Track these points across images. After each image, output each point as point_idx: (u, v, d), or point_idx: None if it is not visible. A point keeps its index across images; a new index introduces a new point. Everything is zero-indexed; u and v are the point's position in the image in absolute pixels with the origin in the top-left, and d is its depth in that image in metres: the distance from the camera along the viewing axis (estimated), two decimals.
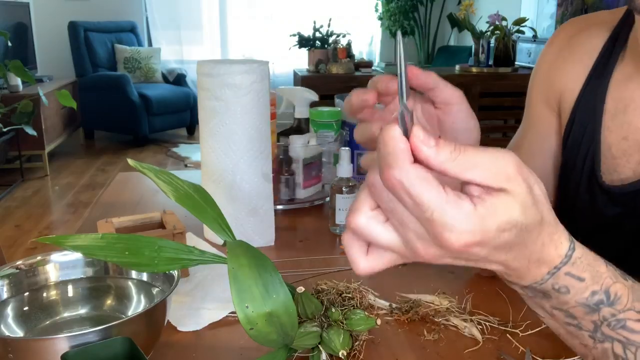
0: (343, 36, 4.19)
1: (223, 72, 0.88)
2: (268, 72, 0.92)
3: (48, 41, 5.47)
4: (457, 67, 3.76)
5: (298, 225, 1.07)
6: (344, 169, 0.98)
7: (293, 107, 1.28)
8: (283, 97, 1.29)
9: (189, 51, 6.00)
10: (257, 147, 0.92)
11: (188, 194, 0.59)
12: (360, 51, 6.01)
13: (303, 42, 4.24)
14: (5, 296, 0.65)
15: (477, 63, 3.70)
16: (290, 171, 1.13)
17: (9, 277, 0.66)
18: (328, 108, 1.25)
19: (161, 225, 0.86)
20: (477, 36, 3.71)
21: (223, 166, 0.92)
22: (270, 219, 0.96)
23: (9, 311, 0.65)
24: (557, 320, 0.44)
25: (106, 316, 0.68)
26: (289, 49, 4.51)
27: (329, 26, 4.26)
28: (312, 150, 1.15)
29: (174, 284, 0.61)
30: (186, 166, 4.64)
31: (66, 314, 0.68)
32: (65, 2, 5.57)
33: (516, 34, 3.63)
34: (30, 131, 3.11)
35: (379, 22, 6.03)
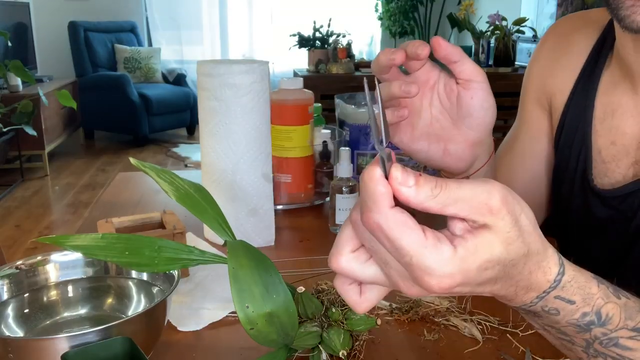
0: (343, 36, 4.19)
1: (223, 72, 0.88)
2: (268, 72, 0.92)
3: (48, 41, 5.47)
4: None
5: (298, 225, 1.07)
6: (344, 169, 0.98)
7: None
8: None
9: (189, 51, 6.00)
10: (257, 147, 0.92)
11: (189, 194, 0.59)
12: (360, 51, 6.00)
13: (303, 42, 4.24)
14: (5, 296, 0.65)
15: (477, 63, 3.69)
16: (329, 165, 1.18)
17: (9, 277, 0.66)
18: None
19: (161, 225, 0.86)
20: (477, 36, 3.71)
21: (223, 166, 0.92)
22: (270, 219, 0.96)
23: (9, 311, 0.65)
24: (550, 334, 0.45)
25: (106, 316, 0.68)
26: (289, 49, 4.52)
27: (329, 26, 4.26)
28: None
29: (174, 284, 0.61)
30: (186, 166, 4.64)
31: (66, 314, 0.68)
32: (65, 2, 5.56)
33: (516, 34, 3.63)
34: (30, 131, 3.11)
35: (379, 22, 6.03)
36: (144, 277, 0.70)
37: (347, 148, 0.99)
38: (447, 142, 0.59)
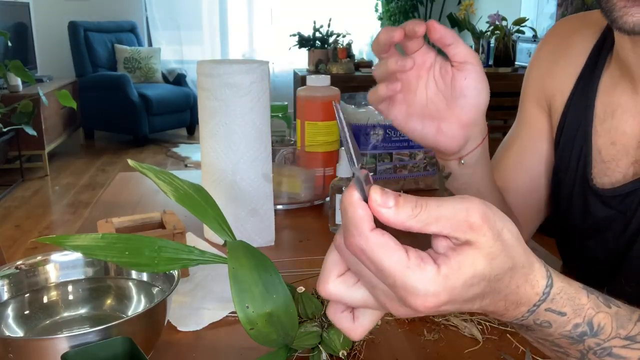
0: (343, 36, 4.19)
1: (223, 72, 0.88)
2: (268, 72, 0.92)
3: (48, 41, 5.47)
4: None
5: (298, 225, 1.07)
6: (344, 169, 0.98)
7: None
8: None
9: (189, 51, 6.00)
10: (257, 147, 0.92)
11: (188, 194, 0.59)
12: (360, 51, 6.01)
13: (303, 42, 4.24)
14: (5, 296, 0.65)
15: None
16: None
17: (9, 277, 0.66)
18: (275, 103, 1.30)
19: (161, 225, 0.86)
20: (477, 36, 3.71)
21: (223, 166, 0.92)
22: (270, 219, 0.96)
23: (10, 311, 0.65)
24: (545, 347, 0.45)
25: (106, 316, 0.68)
26: (289, 49, 4.52)
27: (329, 26, 4.26)
28: None
29: (174, 284, 0.61)
30: (186, 166, 4.64)
31: (66, 314, 0.68)
32: (65, 2, 5.56)
33: (516, 34, 3.63)
34: (30, 131, 3.11)
35: (379, 22, 6.02)
36: (144, 278, 0.70)
37: None
38: (441, 122, 0.60)
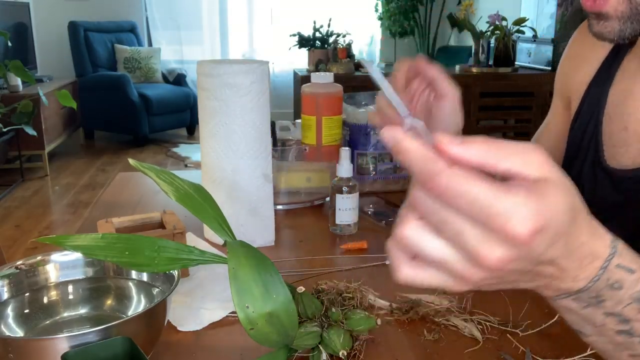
0: (343, 36, 4.19)
1: (223, 72, 0.88)
2: (268, 72, 0.92)
3: (48, 41, 5.48)
4: (457, 67, 3.76)
5: (298, 225, 1.07)
6: (344, 169, 0.98)
7: None
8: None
9: (189, 51, 6.00)
10: (257, 147, 0.92)
11: (189, 194, 0.59)
12: (360, 51, 6.01)
13: (303, 42, 4.24)
14: (5, 296, 0.65)
15: (477, 63, 3.70)
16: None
17: (9, 277, 0.66)
18: None
19: (161, 225, 0.86)
20: (477, 36, 3.71)
21: (223, 166, 0.92)
22: (270, 219, 0.96)
23: (10, 311, 0.65)
24: (606, 332, 0.41)
25: (106, 316, 0.68)
26: (289, 49, 4.51)
27: (329, 26, 4.26)
28: None
29: (174, 284, 0.61)
30: (186, 166, 4.63)
31: (66, 314, 0.68)
32: (65, 2, 5.57)
33: (516, 34, 3.63)
34: (30, 131, 3.11)
35: (379, 22, 6.02)
36: (144, 278, 0.70)
37: (347, 148, 0.99)
38: None
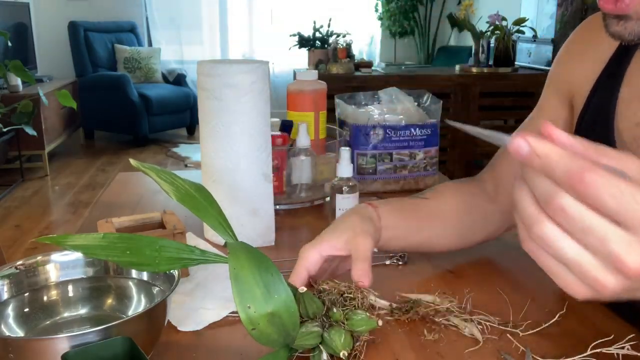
0: (343, 36, 4.18)
1: (223, 72, 0.88)
2: (268, 72, 0.92)
3: (48, 41, 5.47)
4: (457, 67, 3.76)
5: (298, 225, 1.07)
6: (344, 169, 0.98)
7: None
8: None
9: (189, 51, 6.00)
10: (257, 147, 0.92)
11: (189, 194, 0.59)
12: (360, 51, 6.00)
13: (303, 42, 4.23)
14: (5, 296, 0.65)
15: (477, 63, 3.69)
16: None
17: (9, 277, 0.66)
18: None
19: (161, 225, 0.86)
20: (477, 36, 3.71)
21: (223, 166, 0.92)
22: (270, 219, 0.96)
23: (10, 311, 0.65)
24: None
25: (106, 316, 0.68)
26: (289, 49, 4.51)
27: (329, 26, 4.25)
28: None
29: (174, 284, 0.61)
30: (186, 166, 4.63)
31: (66, 314, 0.68)
32: (65, 2, 5.56)
33: (516, 34, 3.62)
34: (30, 131, 3.11)
35: (379, 22, 6.03)
36: (144, 277, 0.70)
37: (347, 148, 0.99)
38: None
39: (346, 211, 0.81)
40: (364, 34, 6.09)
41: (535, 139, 0.36)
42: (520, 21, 3.58)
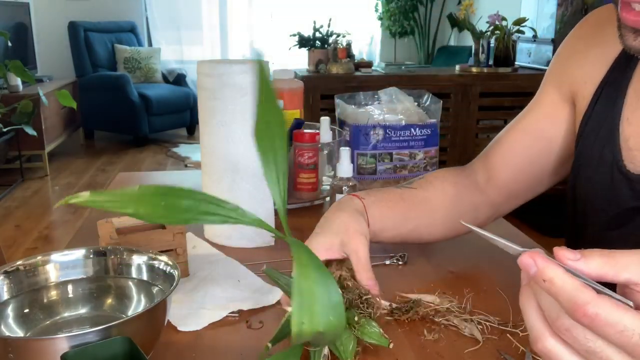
0: (343, 36, 4.18)
1: (223, 72, 0.88)
2: (268, 72, 0.92)
3: (48, 41, 5.47)
4: (457, 67, 3.76)
5: (298, 225, 1.07)
6: (344, 169, 0.98)
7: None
8: None
9: (189, 51, 6.00)
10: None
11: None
12: (360, 51, 6.00)
13: (303, 42, 4.23)
14: (5, 296, 0.65)
15: (477, 63, 3.69)
16: None
17: (9, 277, 0.66)
18: None
19: (161, 225, 0.86)
20: (477, 36, 3.71)
21: (223, 166, 0.92)
22: (270, 219, 0.96)
23: (9, 311, 0.65)
24: None
25: (106, 316, 0.68)
26: (289, 49, 4.51)
27: (329, 26, 4.25)
28: None
29: (174, 284, 0.61)
30: (186, 166, 4.63)
31: (66, 314, 0.68)
32: (65, 2, 5.56)
33: (516, 34, 3.62)
34: (30, 131, 3.10)
35: (379, 22, 6.02)
36: (144, 277, 0.70)
37: (347, 148, 0.99)
38: None
39: (332, 207, 0.78)
40: (364, 34, 6.09)
41: (543, 262, 0.36)
42: (520, 21, 3.58)
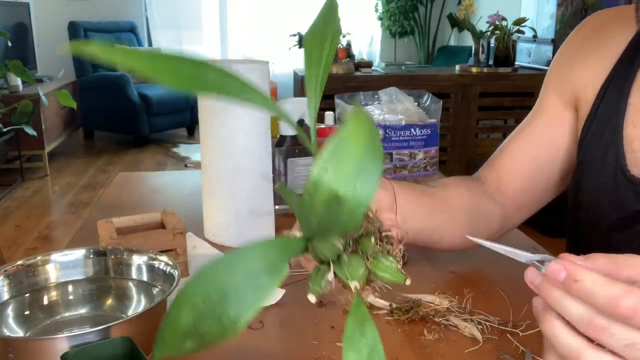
0: (343, 36, 4.19)
1: None
2: (268, 72, 0.92)
3: (48, 41, 5.47)
4: (457, 67, 3.76)
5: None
6: None
7: None
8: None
9: (189, 51, 6.00)
10: (257, 147, 0.92)
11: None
12: (360, 51, 6.00)
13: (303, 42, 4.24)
14: (5, 296, 0.65)
15: (477, 63, 3.69)
16: None
17: (9, 277, 0.66)
18: None
19: (161, 225, 0.86)
20: (477, 36, 3.71)
21: (223, 166, 0.92)
22: (270, 219, 0.96)
23: (9, 311, 0.65)
24: None
25: (106, 316, 0.68)
26: (289, 49, 4.51)
27: None
28: None
29: (174, 284, 0.61)
30: (186, 166, 4.63)
31: (66, 314, 0.68)
32: (65, 2, 5.57)
33: (516, 34, 3.62)
34: (30, 131, 3.10)
35: (379, 22, 6.03)
36: (144, 277, 0.70)
37: None
38: None
39: None
40: (364, 34, 6.09)
41: (570, 265, 0.38)
42: (520, 21, 3.58)
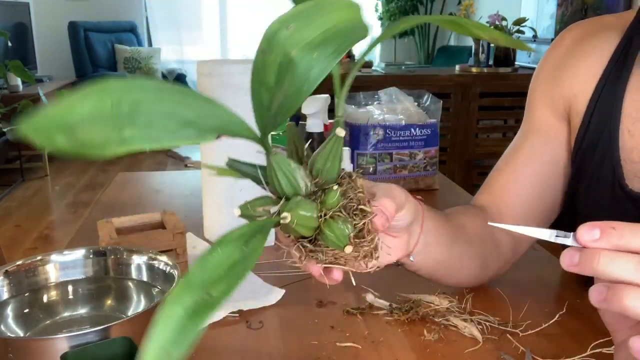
0: None
1: (223, 72, 0.88)
2: None
3: (48, 41, 5.48)
4: (457, 67, 3.76)
5: None
6: (345, 168, 0.98)
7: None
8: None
9: (189, 51, 6.00)
10: (257, 147, 0.92)
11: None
12: (360, 51, 6.01)
13: None
14: (5, 296, 0.65)
15: (477, 63, 3.69)
16: None
17: (9, 277, 0.66)
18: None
19: (161, 225, 0.86)
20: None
21: (223, 166, 0.92)
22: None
23: (9, 311, 0.65)
24: None
25: (106, 316, 0.68)
26: None
27: None
28: None
29: (174, 284, 0.61)
30: (186, 166, 4.63)
31: (66, 314, 0.68)
32: (65, 2, 5.57)
33: (516, 34, 3.62)
34: None
35: (379, 22, 6.03)
36: (144, 277, 0.70)
37: (347, 148, 0.99)
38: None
39: None
40: None
41: (599, 223, 0.40)
42: (520, 21, 3.58)
